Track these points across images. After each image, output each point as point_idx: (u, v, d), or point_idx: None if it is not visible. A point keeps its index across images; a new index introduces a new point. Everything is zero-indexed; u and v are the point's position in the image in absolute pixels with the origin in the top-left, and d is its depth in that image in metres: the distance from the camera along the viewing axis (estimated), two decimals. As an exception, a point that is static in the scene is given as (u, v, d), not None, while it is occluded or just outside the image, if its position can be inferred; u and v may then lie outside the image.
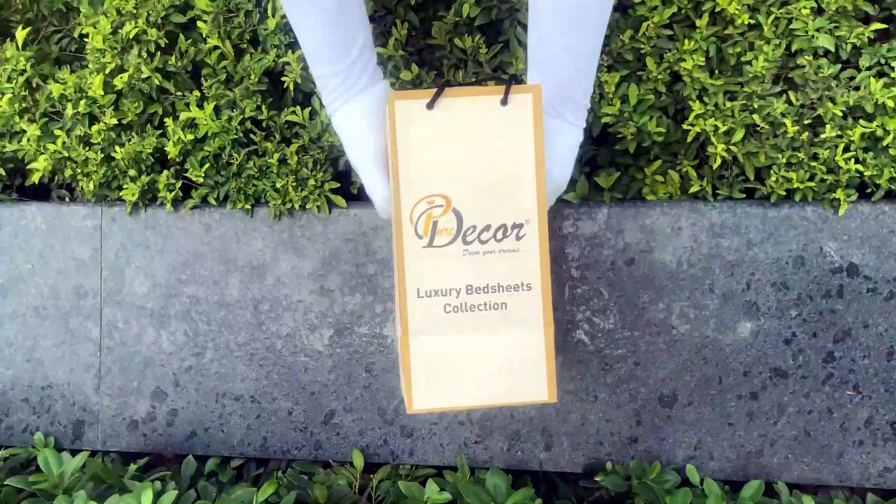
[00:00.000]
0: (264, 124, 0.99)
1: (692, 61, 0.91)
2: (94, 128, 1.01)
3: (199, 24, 0.99)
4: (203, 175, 1.00)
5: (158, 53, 1.00)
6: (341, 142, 0.82)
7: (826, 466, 0.94)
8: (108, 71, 1.01)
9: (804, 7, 0.88)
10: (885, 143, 0.87)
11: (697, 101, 0.92)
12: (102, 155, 1.02)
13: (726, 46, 0.92)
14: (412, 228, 0.74)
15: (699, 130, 0.92)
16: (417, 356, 0.76)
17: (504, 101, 0.73)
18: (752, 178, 0.92)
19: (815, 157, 0.90)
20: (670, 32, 0.93)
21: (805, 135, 0.89)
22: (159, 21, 1.00)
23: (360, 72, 0.79)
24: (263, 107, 0.98)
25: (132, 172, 1.02)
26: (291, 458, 1.04)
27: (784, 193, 0.91)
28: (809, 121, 0.90)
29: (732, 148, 0.91)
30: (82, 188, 1.05)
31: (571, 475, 1.01)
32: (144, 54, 1.01)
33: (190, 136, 0.99)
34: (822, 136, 0.89)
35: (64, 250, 1.06)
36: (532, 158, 0.73)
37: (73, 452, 1.01)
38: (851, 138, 0.88)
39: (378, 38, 0.99)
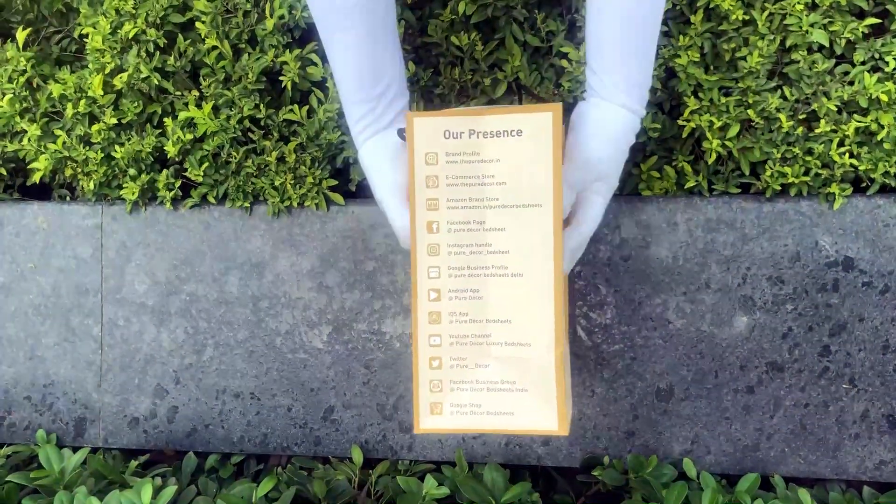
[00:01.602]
0: (263, 123, 1.00)
1: (687, 57, 0.91)
2: (94, 127, 1.02)
3: (197, 24, 1.00)
4: (202, 174, 1.01)
5: (157, 53, 1.01)
6: (365, 175, 0.81)
7: (822, 460, 0.94)
8: (107, 71, 1.02)
9: (798, 2, 0.89)
10: (879, 138, 0.88)
11: (692, 97, 0.92)
12: (102, 154, 1.03)
13: (721, 42, 0.92)
14: None
15: (694, 126, 0.92)
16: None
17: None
18: (747, 172, 0.93)
19: (809, 151, 0.91)
20: (665, 28, 0.94)
21: (800, 130, 0.90)
22: (158, 21, 1.01)
23: (386, 107, 0.79)
24: (262, 106, 0.99)
25: (132, 171, 1.03)
26: (291, 454, 1.05)
27: (779, 188, 0.91)
28: (804, 116, 0.91)
29: (728, 143, 0.91)
30: (83, 187, 1.06)
31: (569, 470, 1.02)
32: (143, 54, 1.01)
33: (189, 136, 1.00)
34: (817, 130, 0.89)
35: (65, 249, 1.07)
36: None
37: (75, 449, 1.02)
38: (846, 133, 0.88)
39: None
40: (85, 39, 1.06)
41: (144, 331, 1.05)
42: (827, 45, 0.89)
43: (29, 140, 1.05)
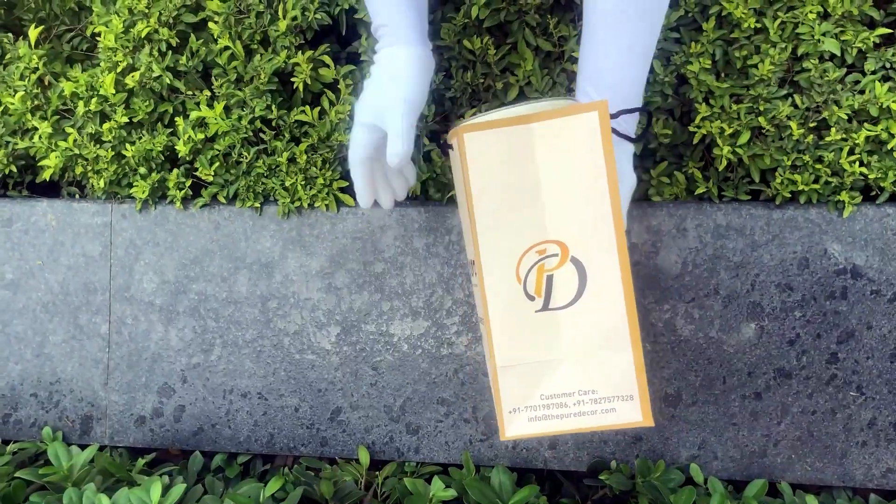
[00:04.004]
0: (274, 123, 1.00)
1: (699, 64, 0.92)
2: (105, 126, 1.02)
3: (210, 24, 1.00)
4: (213, 173, 1.01)
5: (170, 53, 1.02)
6: (372, 82, 0.77)
7: (829, 467, 0.94)
8: (119, 69, 1.02)
9: (810, 11, 0.89)
10: (889, 147, 0.88)
11: (704, 104, 0.93)
12: (113, 153, 1.03)
13: (733, 50, 0.92)
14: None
15: (705, 132, 0.93)
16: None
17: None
18: (757, 180, 0.93)
19: (819, 159, 0.91)
20: (677, 35, 0.94)
21: (810, 137, 0.90)
22: (171, 21, 1.01)
23: (410, 26, 0.77)
24: (273, 106, 0.99)
25: (142, 170, 1.03)
26: (298, 455, 1.05)
27: (789, 195, 0.92)
28: (814, 124, 0.91)
29: (738, 150, 0.92)
30: (93, 185, 1.06)
31: (576, 474, 1.02)
32: (156, 53, 1.02)
33: (200, 135, 1.00)
34: (827, 138, 0.90)
35: (74, 247, 1.07)
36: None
37: (81, 447, 1.01)
38: (856, 141, 0.89)
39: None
40: (97, 38, 1.06)
41: (152, 329, 1.06)
42: (838, 54, 0.89)
43: (40, 137, 1.05)
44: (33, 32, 1.08)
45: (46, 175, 1.07)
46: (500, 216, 0.70)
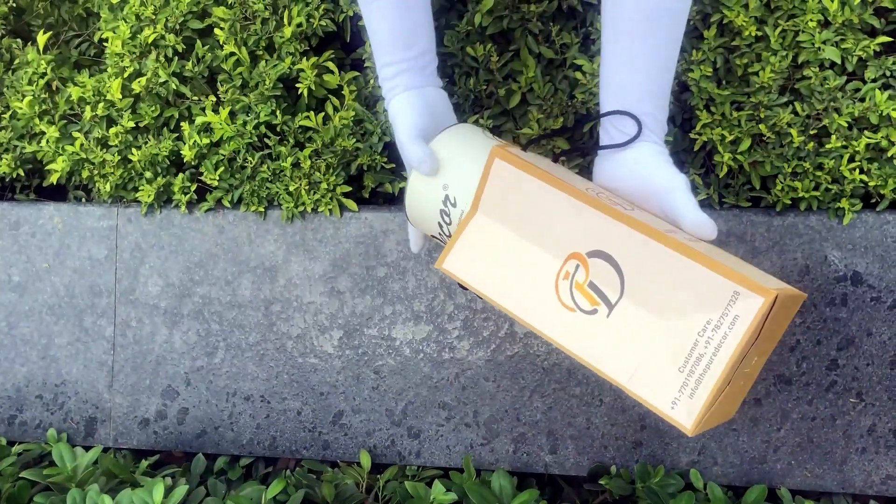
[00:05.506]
0: (278, 129, 1.01)
1: (700, 72, 0.92)
2: (112, 130, 1.04)
3: (216, 30, 1.01)
4: (217, 178, 1.02)
5: (176, 58, 1.03)
6: (391, 124, 0.82)
7: (829, 473, 0.94)
8: (126, 75, 1.03)
9: (811, 20, 0.90)
10: (889, 154, 0.89)
11: (705, 111, 0.93)
12: (119, 157, 1.04)
13: (734, 57, 0.93)
14: None
15: (706, 139, 0.93)
16: None
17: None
18: (757, 186, 0.94)
19: (820, 166, 0.91)
20: (678, 43, 0.95)
21: (811, 145, 0.91)
22: (177, 27, 1.03)
23: (419, 70, 0.82)
24: (278, 112, 1.00)
25: (148, 174, 1.04)
26: (300, 458, 1.06)
27: (789, 202, 0.92)
28: (815, 131, 0.92)
29: (739, 157, 0.92)
30: (99, 189, 1.07)
31: (576, 478, 1.02)
32: (162, 59, 1.03)
33: (205, 140, 1.01)
34: (828, 146, 0.90)
35: (80, 250, 1.08)
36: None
37: (86, 449, 1.02)
38: (856, 149, 0.89)
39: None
40: (105, 43, 1.07)
41: (157, 332, 1.06)
42: (839, 62, 0.90)
43: (47, 142, 1.07)
44: (42, 38, 1.09)
45: (53, 179, 1.08)
46: (517, 287, 0.71)
